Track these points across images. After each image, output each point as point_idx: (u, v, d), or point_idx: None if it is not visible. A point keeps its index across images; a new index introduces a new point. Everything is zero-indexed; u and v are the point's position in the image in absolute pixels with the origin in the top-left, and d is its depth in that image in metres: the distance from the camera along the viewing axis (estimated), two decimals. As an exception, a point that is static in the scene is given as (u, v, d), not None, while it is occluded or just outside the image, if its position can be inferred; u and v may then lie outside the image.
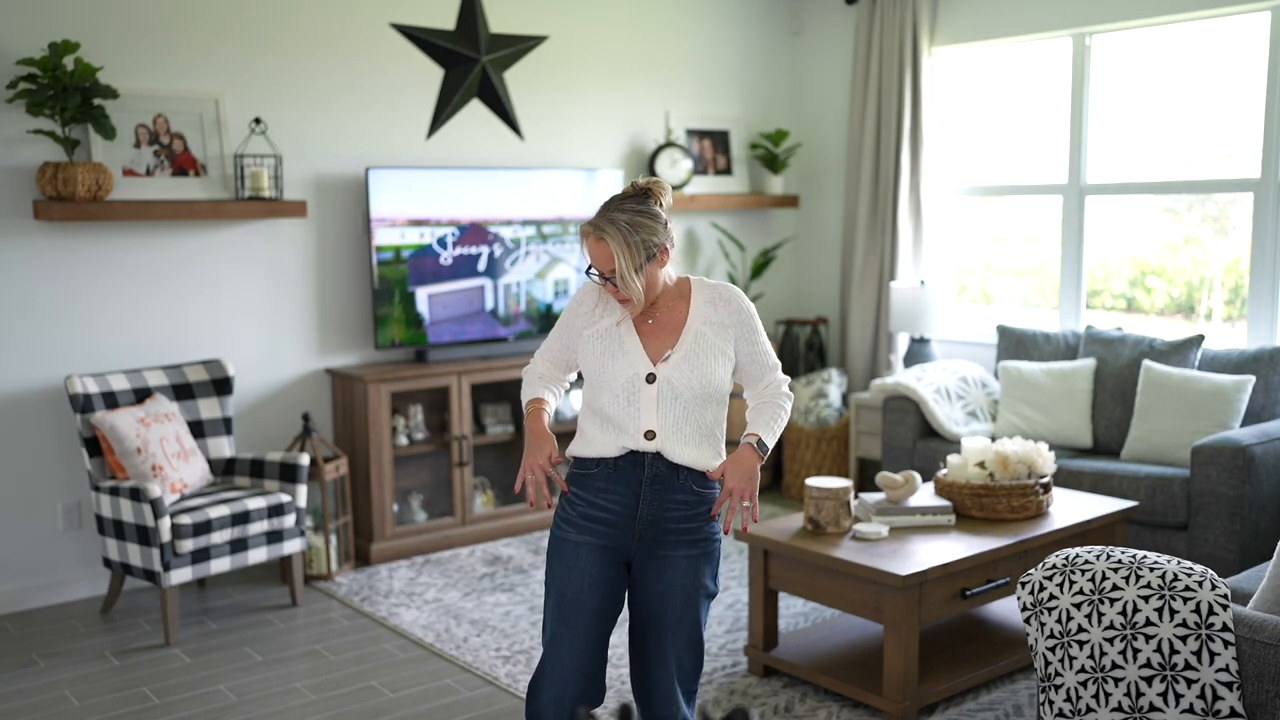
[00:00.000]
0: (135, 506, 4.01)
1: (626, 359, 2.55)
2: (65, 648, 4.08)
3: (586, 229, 2.55)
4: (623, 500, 2.54)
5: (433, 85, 5.36)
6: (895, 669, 3.35)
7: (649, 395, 2.53)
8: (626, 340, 2.58)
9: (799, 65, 6.67)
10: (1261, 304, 4.92)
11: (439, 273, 5.21)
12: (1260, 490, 4.26)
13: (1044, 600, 2.54)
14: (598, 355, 2.58)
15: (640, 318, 2.61)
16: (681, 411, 2.53)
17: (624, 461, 2.54)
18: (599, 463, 2.55)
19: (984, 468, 3.83)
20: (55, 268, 4.46)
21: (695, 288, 2.64)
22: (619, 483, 2.54)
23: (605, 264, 2.51)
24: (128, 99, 4.50)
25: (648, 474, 2.53)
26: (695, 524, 2.56)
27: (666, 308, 2.61)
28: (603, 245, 2.51)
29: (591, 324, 2.63)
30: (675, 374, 2.53)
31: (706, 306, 2.61)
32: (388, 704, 3.60)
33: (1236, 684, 2.27)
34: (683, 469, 2.53)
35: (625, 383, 2.53)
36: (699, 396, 2.53)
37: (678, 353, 2.54)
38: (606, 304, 2.62)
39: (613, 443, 2.54)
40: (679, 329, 2.58)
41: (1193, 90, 5.27)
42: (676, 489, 2.54)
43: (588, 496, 2.56)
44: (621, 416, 2.53)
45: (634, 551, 2.57)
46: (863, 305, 6.15)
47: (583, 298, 2.69)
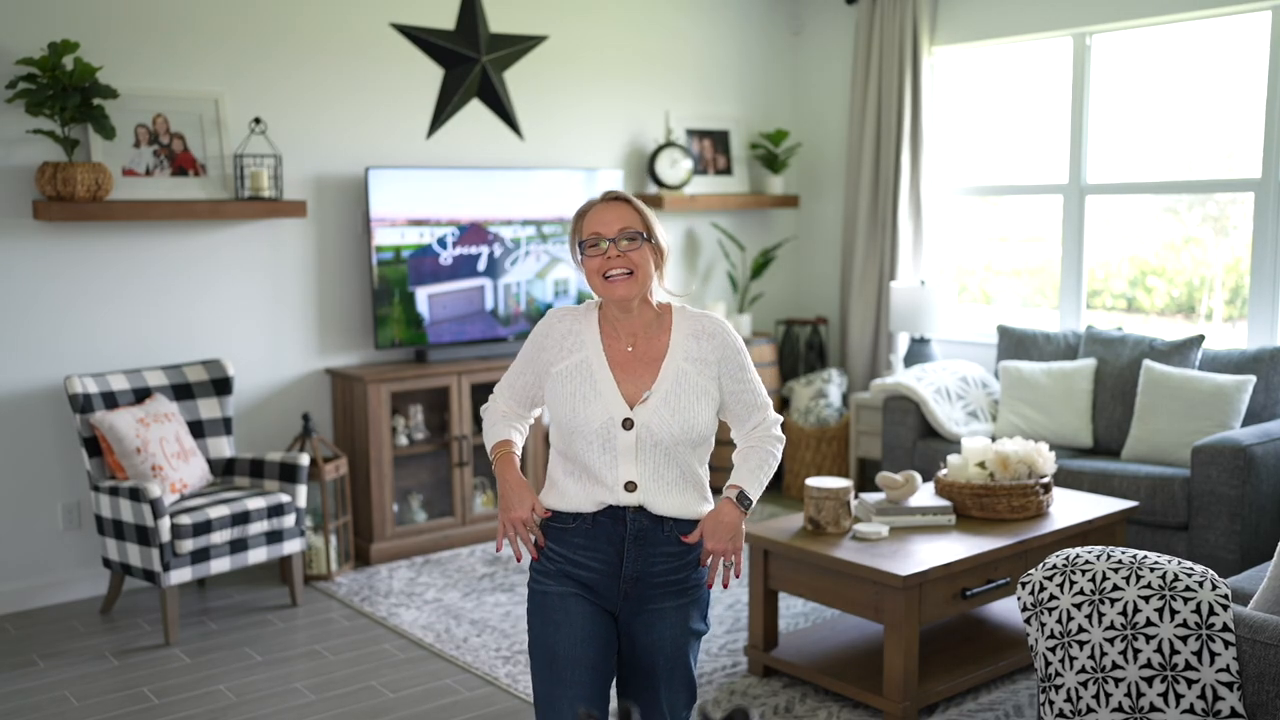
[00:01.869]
0: (135, 507, 4.01)
1: (600, 402, 2.31)
2: (65, 648, 4.08)
3: (590, 202, 2.38)
4: (604, 558, 2.33)
5: (433, 85, 5.35)
6: (895, 669, 3.35)
7: (626, 443, 2.30)
8: (600, 379, 2.33)
9: (799, 65, 6.67)
10: (1262, 304, 4.92)
11: (439, 273, 5.21)
12: (1261, 490, 4.25)
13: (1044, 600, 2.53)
14: (568, 397, 2.34)
15: (617, 344, 2.38)
16: (663, 458, 2.32)
17: (603, 517, 2.32)
18: (576, 517, 2.33)
19: (984, 468, 3.83)
20: (55, 268, 4.46)
21: (677, 318, 2.41)
22: (599, 539, 2.33)
23: (621, 222, 2.32)
24: (127, 99, 4.50)
25: (630, 530, 2.32)
26: (682, 574, 2.37)
27: (647, 335, 2.38)
28: (621, 206, 2.34)
29: (561, 358, 2.37)
30: (654, 419, 2.30)
31: (688, 341, 2.37)
32: (388, 704, 3.59)
33: (1237, 684, 2.27)
34: (667, 520, 2.33)
35: (600, 429, 2.30)
36: (681, 442, 2.32)
37: (656, 394, 2.31)
38: (578, 336, 2.38)
39: (589, 497, 2.32)
40: (658, 363, 2.35)
41: (1193, 90, 5.26)
42: (661, 542, 2.34)
43: (565, 553, 2.35)
44: (597, 466, 2.31)
45: (619, 607, 2.37)
46: (863, 305, 6.15)
47: (549, 327, 2.42)
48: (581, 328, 2.39)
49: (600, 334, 2.37)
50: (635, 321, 2.37)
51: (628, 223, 2.32)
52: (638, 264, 2.31)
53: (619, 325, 2.37)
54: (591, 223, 2.34)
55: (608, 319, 2.39)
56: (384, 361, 5.25)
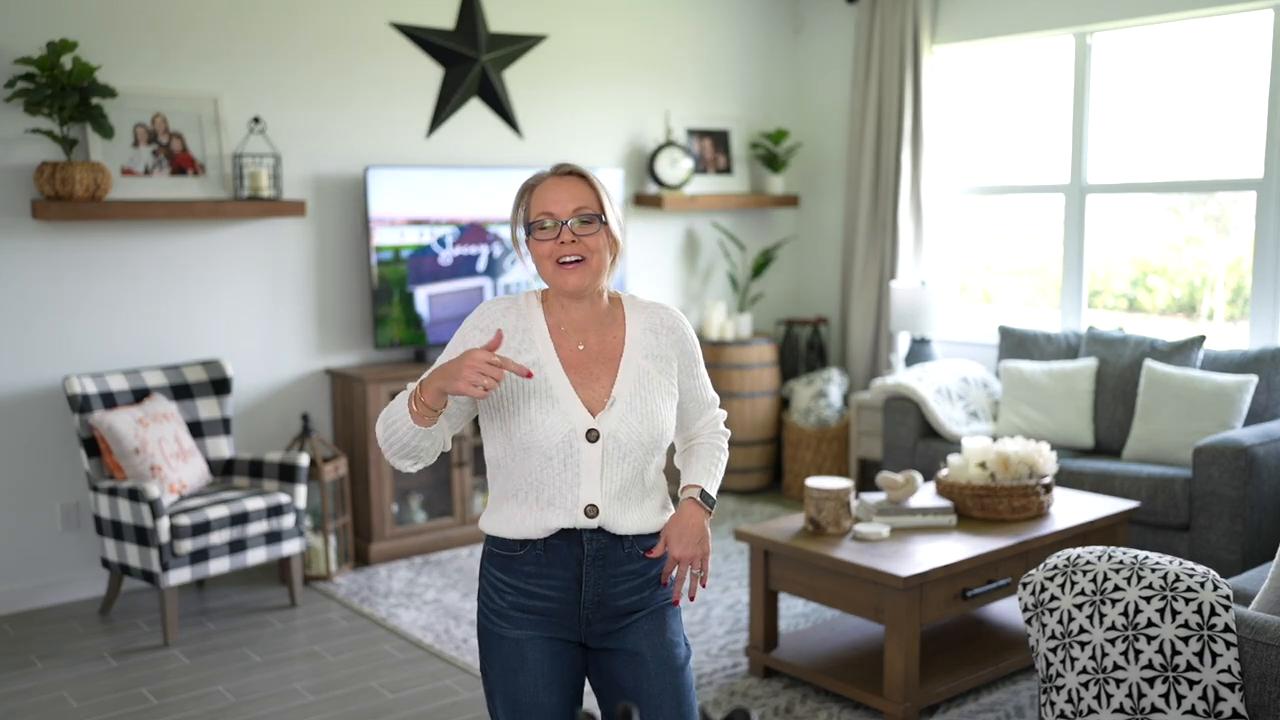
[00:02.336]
0: (134, 507, 4.00)
1: (558, 410, 2.00)
2: (64, 648, 4.07)
3: (539, 176, 2.09)
4: (560, 584, 2.05)
5: (432, 84, 5.35)
6: (896, 670, 3.34)
7: (591, 457, 2.00)
8: (555, 384, 2.02)
9: (799, 64, 6.66)
10: (1264, 304, 4.91)
11: (438, 272, 5.20)
12: (1262, 491, 4.24)
13: (1045, 601, 2.52)
14: (520, 407, 2.00)
15: (567, 342, 2.07)
16: (629, 471, 2.04)
17: (556, 540, 2.03)
18: (524, 544, 2.05)
19: (985, 468, 3.82)
20: (53, 268, 4.45)
21: (629, 309, 2.14)
22: (553, 565, 2.04)
23: (576, 200, 2.03)
24: (126, 98, 4.49)
25: (588, 552, 2.04)
26: (647, 591, 2.10)
27: (599, 331, 2.09)
28: (576, 182, 2.06)
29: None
30: (622, 427, 2.01)
31: (645, 335, 2.10)
32: (387, 705, 3.59)
33: (1239, 685, 2.26)
34: (627, 537, 2.07)
35: (560, 444, 1.99)
36: (649, 450, 2.05)
37: (620, 397, 2.03)
38: (525, 334, 2.05)
39: (538, 523, 2.02)
40: (615, 362, 2.07)
41: (1194, 89, 5.25)
42: (622, 560, 2.06)
43: (515, 583, 2.06)
44: (554, 486, 2.01)
45: (583, 634, 2.09)
46: (863, 305, 6.14)
47: (493, 322, 2.08)
48: (528, 324, 2.07)
49: (547, 329, 2.07)
50: (587, 315, 2.08)
51: (583, 202, 2.04)
52: (593, 250, 2.03)
53: (567, 320, 2.08)
54: (541, 200, 2.05)
55: (553, 313, 2.09)
56: (383, 361, 5.25)
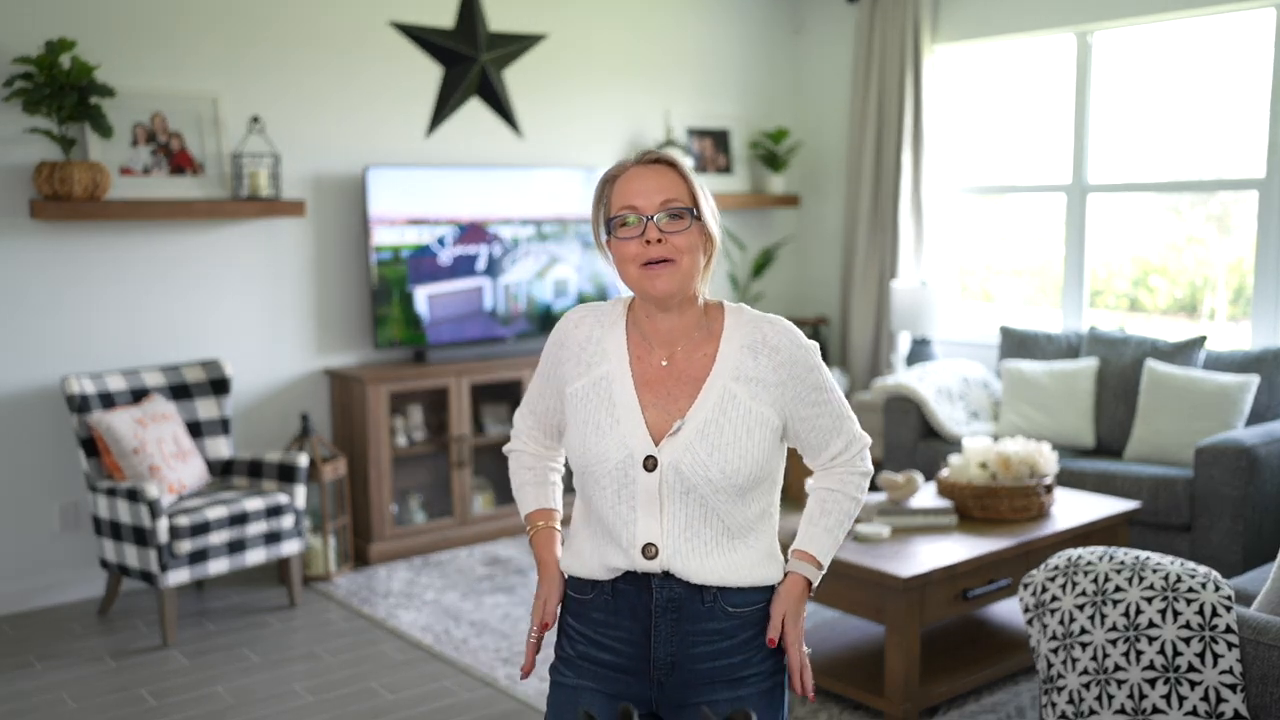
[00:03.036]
0: (132, 507, 3.99)
1: (617, 431, 1.77)
2: (62, 649, 4.06)
3: (621, 165, 1.83)
4: (629, 637, 1.79)
5: (432, 84, 5.34)
6: (896, 671, 3.33)
7: (647, 488, 1.75)
8: (620, 402, 1.79)
9: (800, 63, 6.65)
10: (1266, 303, 4.90)
11: (438, 272, 5.19)
12: (1264, 491, 4.23)
13: (1046, 602, 2.52)
14: (580, 425, 1.81)
15: (648, 357, 1.83)
16: (697, 510, 1.75)
17: (623, 584, 1.79)
18: (594, 585, 1.81)
19: (986, 468, 3.81)
20: (52, 267, 4.44)
21: (730, 323, 1.85)
22: (621, 613, 1.79)
23: (665, 192, 1.77)
24: (125, 97, 4.49)
25: (657, 601, 1.77)
26: (737, 659, 1.79)
27: (688, 345, 1.83)
28: (663, 171, 1.79)
29: (579, 374, 1.85)
30: (686, 457, 1.74)
31: (742, 354, 1.81)
32: (386, 705, 3.58)
33: (1240, 686, 2.25)
34: (709, 588, 1.77)
35: (615, 469, 1.76)
36: (721, 490, 1.75)
37: (691, 422, 1.76)
38: (599, 345, 1.85)
39: (601, 561, 1.79)
40: (699, 382, 1.80)
41: (1196, 88, 5.24)
42: (702, 616, 1.77)
43: (585, 631, 1.82)
44: (611, 518, 1.78)
45: (655, 699, 1.81)
46: (864, 305, 6.13)
47: (566, 334, 1.88)
48: (604, 334, 1.86)
49: (627, 342, 1.84)
50: (675, 326, 1.83)
51: (672, 194, 1.77)
52: (683, 250, 1.77)
53: (653, 331, 1.84)
54: (624, 192, 1.79)
55: (638, 323, 1.85)
56: (383, 361, 5.24)
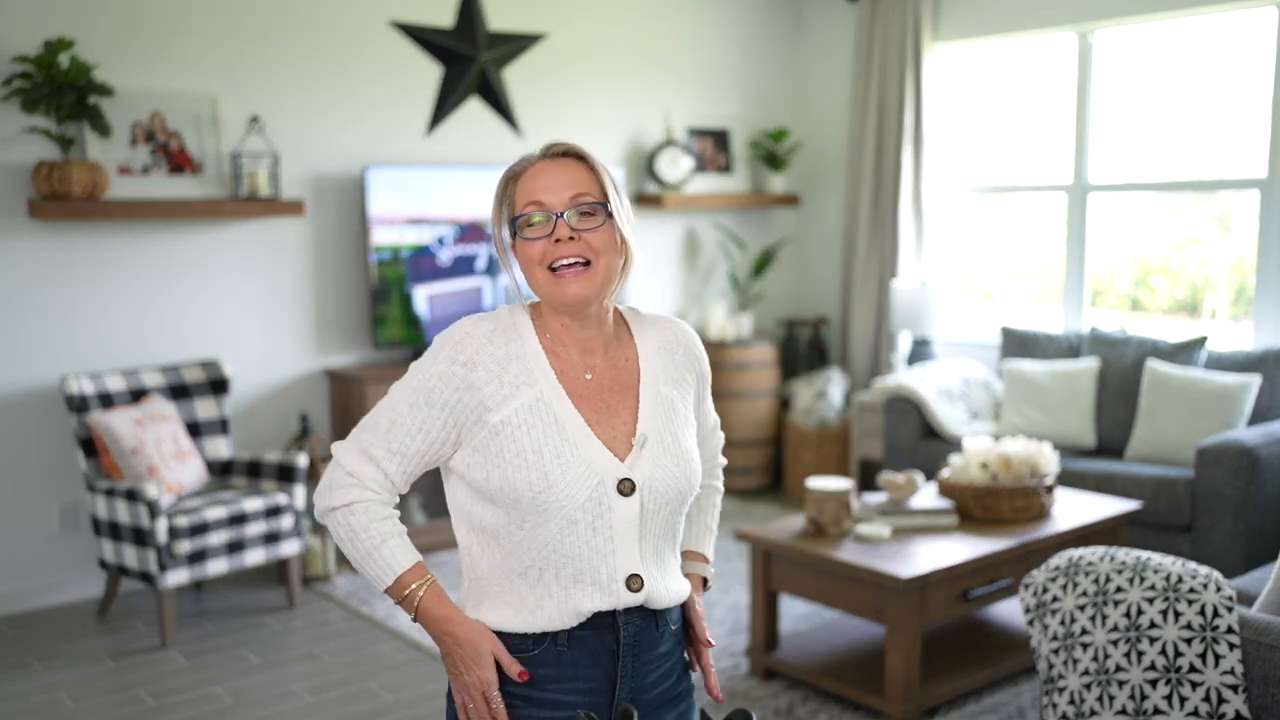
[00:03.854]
0: (131, 508, 3.98)
1: (577, 457, 1.57)
2: (61, 650, 4.06)
3: (525, 160, 1.65)
4: (590, 684, 1.62)
5: (431, 83, 5.33)
6: (897, 671, 3.32)
7: (627, 515, 1.59)
8: (567, 423, 1.59)
9: (800, 63, 6.64)
10: (1267, 303, 4.89)
11: (437, 272, 5.19)
12: (1265, 491, 4.22)
13: (1047, 602, 2.51)
14: (530, 458, 1.56)
15: (570, 369, 1.64)
16: (664, 529, 1.65)
17: (584, 631, 1.61)
18: (539, 639, 1.61)
19: (987, 468, 3.81)
20: (51, 267, 4.44)
21: (634, 325, 1.73)
22: (579, 663, 1.61)
23: (574, 186, 1.60)
24: (124, 97, 4.48)
25: (624, 640, 1.62)
26: (674, 676, 1.73)
27: (606, 353, 1.67)
28: (572, 164, 1.62)
29: (504, 399, 1.58)
30: (657, 472, 1.61)
31: (660, 356, 1.71)
32: (386, 706, 3.57)
33: (1242, 687, 2.24)
34: (661, 614, 1.67)
35: (586, 501, 1.57)
36: (682, 499, 1.66)
37: (650, 434, 1.63)
38: (521, 363, 1.60)
39: (568, 608, 1.59)
40: (632, 390, 1.66)
41: (1197, 87, 5.23)
42: (656, 642, 1.67)
43: (528, 692, 1.61)
44: (582, 557, 1.58)
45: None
46: (864, 305, 6.12)
47: (475, 352, 1.60)
48: (520, 349, 1.62)
49: (545, 354, 1.63)
50: (594, 335, 1.66)
51: (582, 188, 1.61)
52: (599, 250, 1.60)
53: (571, 342, 1.65)
54: (529, 188, 1.61)
55: (548, 331, 1.66)
56: (382, 361, 5.23)
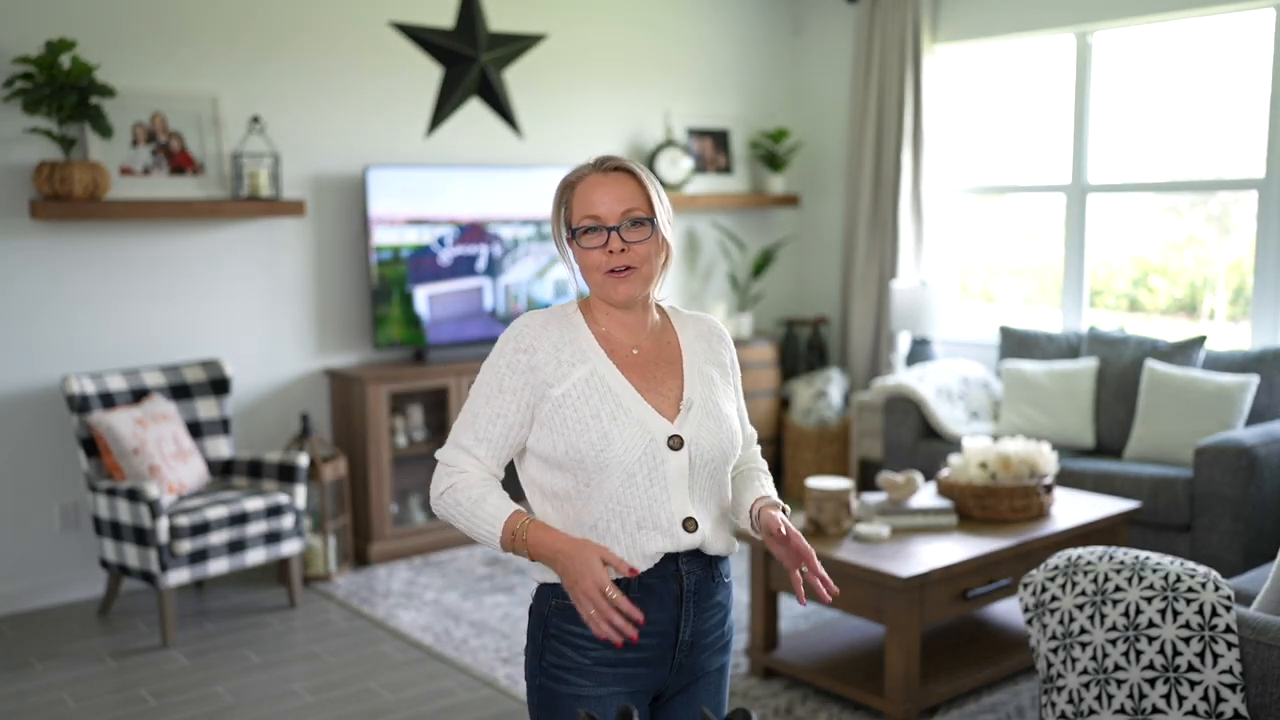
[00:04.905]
0: (133, 507, 3.99)
1: (630, 419, 1.79)
2: (62, 649, 4.06)
3: (579, 171, 1.85)
4: (655, 629, 1.80)
5: (432, 84, 5.34)
6: (896, 670, 3.33)
7: (678, 467, 1.80)
8: (619, 390, 1.81)
9: (800, 64, 6.65)
10: (1265, 303, 4.90)
11: (438, 272, 5.19)
12: (1264, 491, 4.23)
13: (1046, 602, 2.52)
14: (589, 422, 1.78)
15: (619, 348, 1.86)
16: (710, 483, 1.85)
17: (651, 578, 1.80)
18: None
19: (986, 468, 3.81)
20: (52, 267, 4.44)
21: (675, 319, 1.96)
22: (650, 608, 1.79)
23: (625, 202, 1.80)
24: (125, 97, 4.48)
25: (687, 586, 1.82)
26: (726, 624, 1.92)
27: (651, 335, 1.90)
28: (623, 180, 1.81)
29: (562, 376, 1.81)
30: (703, 432, 1.83)
31: (699, 342, 1.93)
32: (386, 706, 3.58)
33: (1240, 686, 2.25)
34: (717, 560, 1.88)
35: (642, 456, 1.78)
36: (726, 459, 1.87)
37: (695, 398, 1.85)
38: (574, 345, 1.83)
39: (634, 552, 1.79)
40: (676, 364, 1.88)
41: (1196, 88, 5.24)
42: (713, 590, 1.87)
43: (597, 640, 1.79)
44: (644, 506, 1.78)
45: (666, 683, 1.87)
46: (864, 305, 6.13)
47: (533, 340, 1.83)
48: (573, 335, 1.85)
49: (595, 337, 1.87)
50: (638, 320, 1.89)
51: (633, 203, 1.80)
52: (644, 258, 1.81)
53: (616, 326, 1.88)
54: (586, 201, 1.81)
55: (599, 320, 1.89)
56: (383, 361, 5.24)
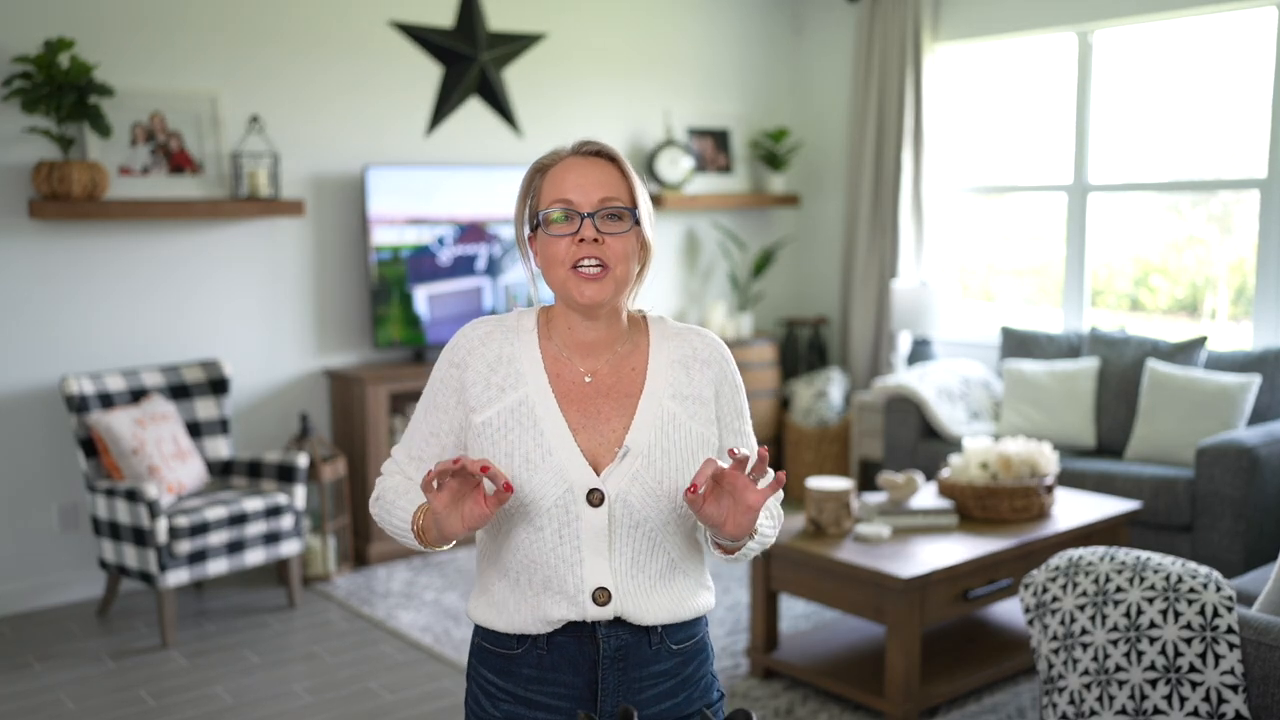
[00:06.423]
0: (131, 508, 3.98)
1: (550, 463, 1.55)
2: (61, 650, 4.06)
3: (555, 154, 1.62)
4: (569, 693, 1.60)
5: (431, 83, 5.33)
6: (897, 671, 3.32)
7: (594, 526, 1.55)
8: (547, 426, 1.56)
9: (800, 63, 6.64)
10: (1267, 303, 4.89)
11: (437, 272, 5.19)
12: (1265, 491, 4.22)
13: (1047, 602, 2.51)
14: (501, 457, 1.56)
15: (569, 371, 1.61)
16: (645, 545, 1.57)
17: (562, 637, 1.59)
18: (520, 640, 1.60)
19: (986, 468, 3.81)
20: (51, 267, 4.44)
21: (655, 335, 1.66)
22: (559, 669, 1.59)
23: (604, 189, 1.57)
24: (124, 97, 4.48)
25: (605, 652, 1.59)
26: (681, 695, 1.65)
27: (614, 359, 1.63)
28: (603, 165, 1.59)
29: (488, 401, 1.59)
30: (635, 488, 1.55)
31: (673, 370, 1.63)
32: (386, 706, 3.57)
33: (1242, 687, 2.24)
34: (655, 629, 1.61)
35: (553, 507, 1.55)
36: (667, 520, 1.58)
37: (635, 447, 1.56)
38: (511, 365, 1.61)
39: (536, 614, 1.58)
40: (632, 399, 1.60)
41: (1197, 87, 5.23)
42: (649, 659, 1.61)
43: (512, 689, 1.61)
44: (550, 563, 1.56)
45: None
46: (864, 305, 6.12)
47: (467, 353, 1.63)
48: (516, 350, 1.62)
49: (542, 357, 1.62)
50: (600, 338, 1.62)
51: (612, 191, 1.57)
52: (618, 258, 1.57)
53: (573, 343, 1.63)
54: (558, 184, 1.58)
55: (555, 334, 1.64)
56: (382, 361, 5.23)
